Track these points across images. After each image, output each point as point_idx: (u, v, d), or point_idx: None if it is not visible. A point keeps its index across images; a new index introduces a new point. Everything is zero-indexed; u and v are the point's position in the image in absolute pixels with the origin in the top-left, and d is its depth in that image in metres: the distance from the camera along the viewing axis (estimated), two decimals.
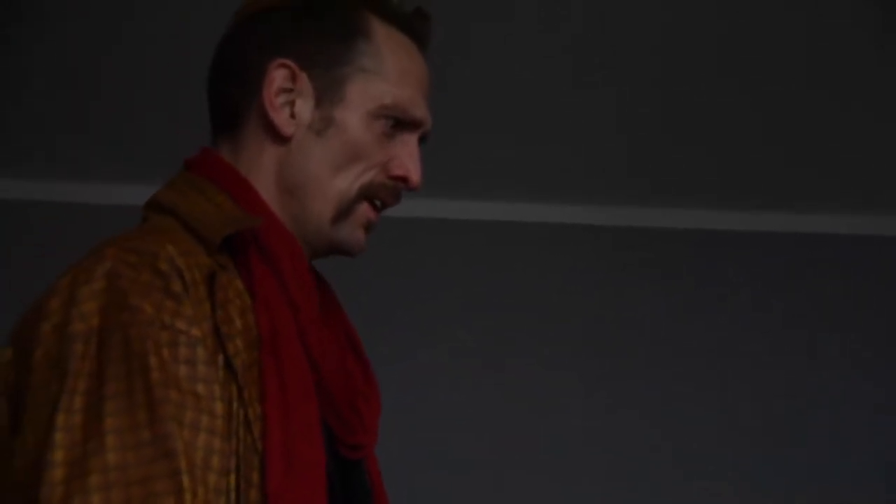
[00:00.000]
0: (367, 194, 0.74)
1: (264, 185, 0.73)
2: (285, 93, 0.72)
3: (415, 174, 0.75)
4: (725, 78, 2.10)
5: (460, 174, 2.31)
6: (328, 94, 0.73)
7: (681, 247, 2.48)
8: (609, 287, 2.44)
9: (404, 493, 1.02)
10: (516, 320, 2.39)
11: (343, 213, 0.74)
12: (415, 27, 0.77)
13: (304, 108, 0.73)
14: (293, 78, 0.72)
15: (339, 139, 0.74)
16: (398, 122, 0.74)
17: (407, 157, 0.75)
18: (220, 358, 0.63)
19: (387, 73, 0.75)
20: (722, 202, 2.49)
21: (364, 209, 0.74)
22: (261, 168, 0.74)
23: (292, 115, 0.73)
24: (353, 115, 0.73)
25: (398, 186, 0.76)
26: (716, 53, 2.04)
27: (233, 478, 0.62)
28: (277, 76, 0.71)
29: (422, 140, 0.77)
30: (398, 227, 1.71)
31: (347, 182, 0.73)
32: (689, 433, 2.32)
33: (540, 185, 2.42)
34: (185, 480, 0.57)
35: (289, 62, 0.71)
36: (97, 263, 0.61)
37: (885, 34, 2.03)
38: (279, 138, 0.73)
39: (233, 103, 0.75)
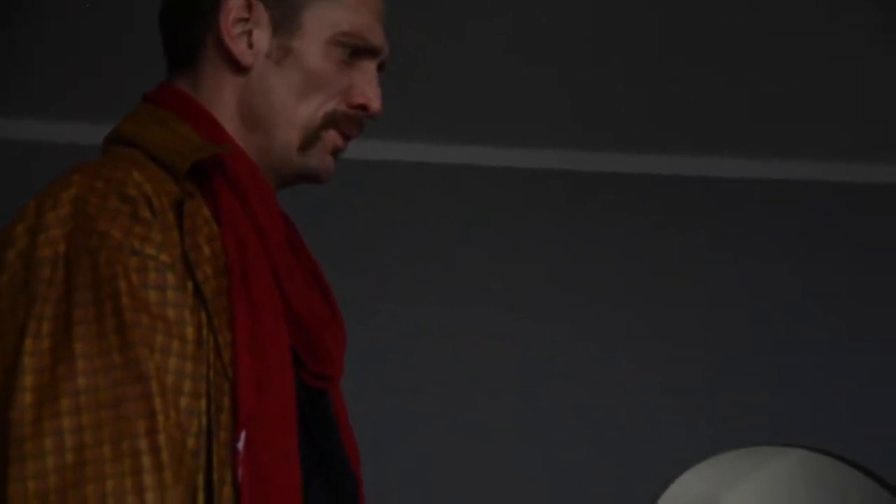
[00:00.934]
0: (332, 123, 0.78)
1: (227, 116, 0.76)
2: (242, 22, 0.74)
3: (374, 101, 0.78)
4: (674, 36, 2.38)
5: (422, 117, 2.55)
6: (285, 23, 0.76)
7: (643, 191, 2.84)
8: (574, 229, 2.76)
9: (372, 429, 1.11)
10: (477, 262, 2.68)
11: (310, 140, 0.77)
12: None
13: (262, 37, 0.75)
14: (249, 7, 0.74)
15: (297, 68, 0.77)
16: (356, 50, 0.77)
17: (366, 84, 0.78)
18: (190, 284, 0.65)
19: (343, 0, 0.79)
20: (673, 149, 2.81)
21: (332, 136, 0.78)
22: (222, 100, 0.76)
23: (250, 45, 0.75)
24: (311, 44, 0.76)
25: (359, 115, 0.79)
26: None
27: (203, 402, 0.64)
28: (233, 5, 0.73)
29: (380, 68, 0.80)
30: (355, 169, 1.88)
31: (310, 109, 0.77)
32: (667, 364, 2.67)
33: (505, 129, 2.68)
34: (157, 403, 0.58)
35: None
36: (63, 190, 0.62)
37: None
38: (238, 69, 0.75)
39: (189, 36, 0.76)
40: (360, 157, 1.67)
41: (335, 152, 0.77)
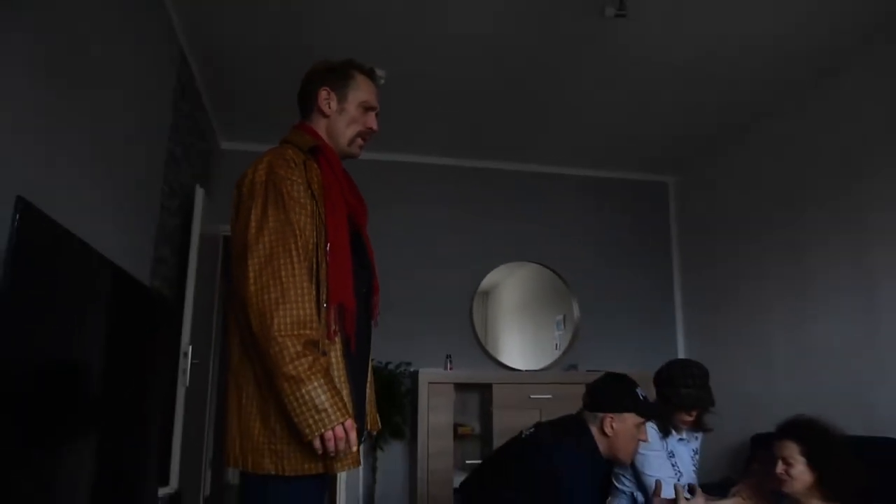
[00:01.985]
0: (359, 136, 1.72)
1: (322, 133, 1.69)
2: (325, 100, 1.68)
3: (376, 127, 1.72)
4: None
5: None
6: (341, 100, 1.70)
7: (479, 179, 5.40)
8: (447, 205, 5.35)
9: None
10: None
11: (350, 142, 1.71)
12: (371, 75, 1.75)
13: (333, 104, 1.70)
14: (328, 94, 1.68)
15: (347, 115, 1.70)
16: (368, 108, 1.71)
17: (372, 120, 1.73)
18: (309, 192, 1.50)
19: (361, 90, 1.72)
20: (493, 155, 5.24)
21: (359, 141, 1.73)
22: (319, 127, 1.70)
23: (329, 107, 1.69)
24: (351, 106, 1.70)
25: (369, 133, 1.73)
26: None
27: (315, 233, 1.48)
28: (323, 95, 1.68)
29: (377, 114, 1.73)
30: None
31: (351, 131, 1.70)
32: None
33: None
34: (297, 231, 1.43)
35: (327, 87, 1.69)
36: (264, 157, 1.51)
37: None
38: (325, 116, 1.69)
39: (308, 104, 1.71)
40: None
41: (360, 147, 1.73)
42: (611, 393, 2.20)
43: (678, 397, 2.32)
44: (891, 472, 2.84)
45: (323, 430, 1.32)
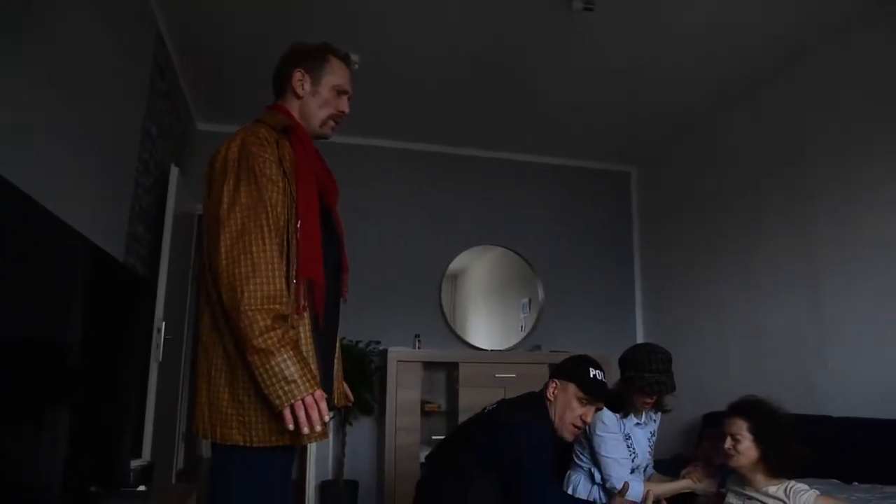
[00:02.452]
0: (330, 118, 1.74)
1: (295, 113, 1.72)
2: (299, 81, 1.71)
3: (348, 111, 1.77)
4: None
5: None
6: (315, 82, 1.72)
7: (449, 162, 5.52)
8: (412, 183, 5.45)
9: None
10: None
11: (323, 122, 1.74)
12: (346, 59, 1.78)
13: (308, 86, 1.72)
14: (302, 77, 1.71)
15: (320, 97, 1.72)
16: (341, 91, 1.74)
17: (344, 104, 1.76)
18: (281, 169, 1.53)
19: (335, 74, 1.74)
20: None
21: (330, 123, 1.75)
22: (293, 107, 1.73)
23: (303, 88, 1.72)
24: (324, 89, 1.72)
25: (340, 116, 1.76)
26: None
27: (286, 210, 1.52)
28: (297, 77, 1.71)
29: (349, 98, 1.76)
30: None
31: (324, 113, 1.73)
32: None
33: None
34: (269, 208, 1.46)
35: (301, 69, 1.71)
36: (237, 135, 1.54)
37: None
38: (299, 97, 1.72)
39: (282, 85, 1.74)
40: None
41: (333, 127, 1.76)
42: (566, 363, 2.32)
43: (642, 381, 2.38)
44: (829, 447, 3.07)
45: (293, 401, 1.33)
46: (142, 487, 2.32)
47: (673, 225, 5.38)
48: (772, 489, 1.98)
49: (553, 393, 2.23)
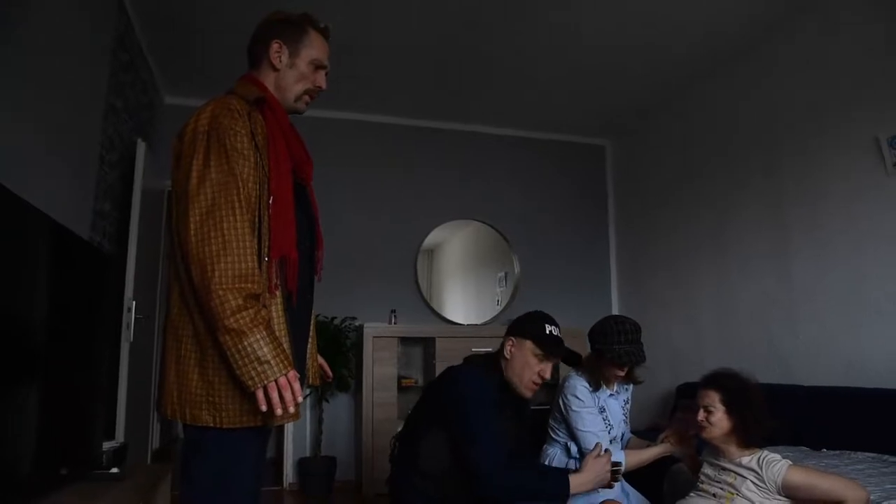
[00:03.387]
0: (306, 93, 1.67)
1: (270, 86, 1.64)
2: (277, 53, 1.62)
3: (325, 86, 1.70)
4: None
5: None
6: (293, 55, 1.64)
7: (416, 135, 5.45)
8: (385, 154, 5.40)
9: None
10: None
11: (298, 97, 1.67)
12: (325, 32, 1.70)
13: (285, 58, 1.64)
14: (280, 48, 1.62)
15: (297, 71, 1.65)
16: (318, 66, 1.68)
17: (321, 78, 1.69)
18: (253, 143, 1.46)
19: (313, 47, 1.66)
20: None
21: (305, 98, 1.68)
22: (268, 80, 1.65)
23: (280, 61, 1.63)
24: (302, 62, 1.65)
25: (317, 91, 1.69)
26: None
27: (258, 185, 1.45)
28: (274, 47, 1.62)
29: (326, 73, 1.70)
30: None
31: (300, 87, 1.66)
32: None
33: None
34: (240, 183, 1.40)
35: (279, 40, 1.62)
36: (207, 106, 1.46)
37: None
38: (275, 69, 1.64)
39: (259, 55, 1.66)
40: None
41: (307, 102, 1.70)
42: (521, 320, 2.27)
43: (612, 353, 2.39)
44: (799, 415, 3.14)
45: (266, 382, 1.31)
46: (114, 469, 2.29)
47: (647, 198, 5.40)
48: (745, 460, 2.01)
49: (510, 351, 2.19)
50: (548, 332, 2.20)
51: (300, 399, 1.38)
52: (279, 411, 1.34)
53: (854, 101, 3.41)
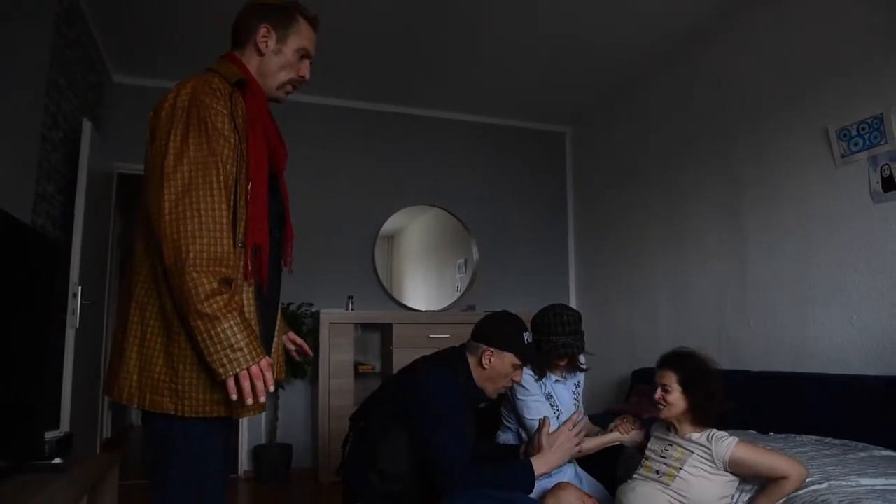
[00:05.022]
0: (289, 82, 1.63)
1: (253, 70, 1.59)
2: (264, 37, 1.58)
3: (308, 76, 1.66)
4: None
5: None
6: (279, 42, 1.60)
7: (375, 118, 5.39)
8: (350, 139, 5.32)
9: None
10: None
11: (280, 87, 1.63)
12: (314, 22, 1.66)
13: (271, 44, 1.59)
14: (268, 32, 1.58)
15: (283, 58, 1.60)
16: (304, 55, 1.64)
17: (306, 69, 1.66)
18: (233, 124, 1.42)
19: (301, 36, 1.62)
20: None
21: (288, 87, 1.64)
22: (251, 63, 1.59)
23: (266, 45, 1.59)
24: (289, 50, 1.61)
25: (300, 81, 1.66)
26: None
27: (236, 168, 1.42)
28: (262, 32, 1.58)
29: (311, 62, 1.67)
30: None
31: (284, 75, 1.61)
32: None
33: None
34: (219, 164, 1.35)
35: (268, 25, 1.57)
36: (188, 83, 1.41)
37: None
38: (260, 54, 1.60)
39: (244, 37, 1.60)
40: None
41: (288, 92, 1.66)
42: (499, 329, 2.23)
43: (549, 343, 2.39)
44: (748, 400, 3.21)
45: (238, 370, 1.27)
46: (57, 460, 2.21)
47: (606, 184, 5.45)
48: (695, 436, 2.06)
49: (489, 361, 2.19)
50: (526, 342, 2.22)
51: (272, 388, 1.34)
52: (250, 401, 1.30)
53: (807, 91, 3.47)
